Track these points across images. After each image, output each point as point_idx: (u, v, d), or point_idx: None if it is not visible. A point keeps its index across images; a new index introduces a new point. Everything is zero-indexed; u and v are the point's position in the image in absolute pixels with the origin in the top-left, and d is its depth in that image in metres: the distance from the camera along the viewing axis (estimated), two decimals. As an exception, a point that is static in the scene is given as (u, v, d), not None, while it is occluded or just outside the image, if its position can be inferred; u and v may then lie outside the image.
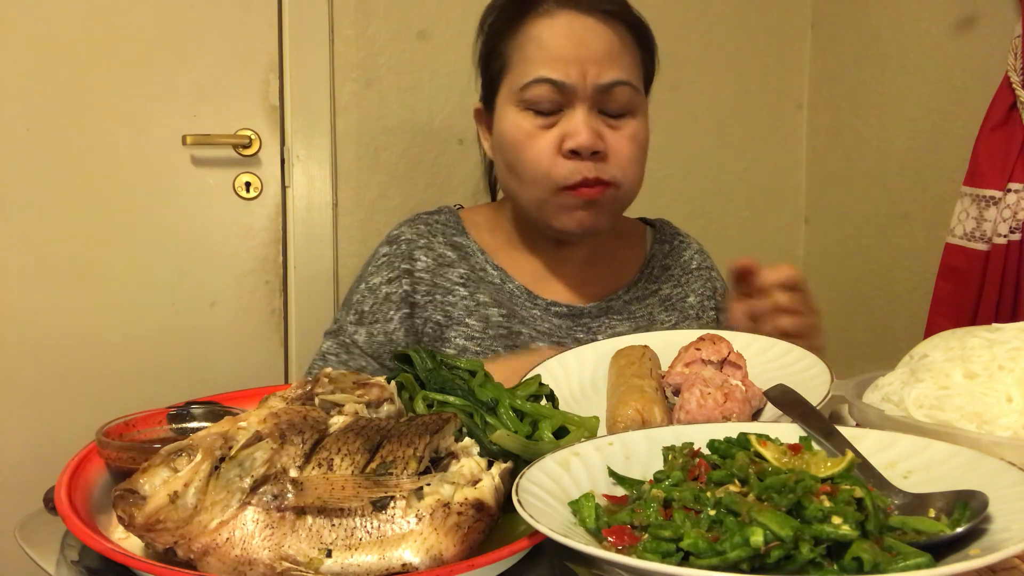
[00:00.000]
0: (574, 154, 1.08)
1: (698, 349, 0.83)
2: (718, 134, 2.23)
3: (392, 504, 0.54)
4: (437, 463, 0.59)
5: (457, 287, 1.18)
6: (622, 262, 1.27)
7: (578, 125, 1.08)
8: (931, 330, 1.74)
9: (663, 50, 1.20)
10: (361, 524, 0.54)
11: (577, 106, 1.09)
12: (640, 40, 1.16)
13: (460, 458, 0.59)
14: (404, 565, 0.52)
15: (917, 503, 0.55)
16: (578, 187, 1.09)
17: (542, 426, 0.69)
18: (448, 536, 0.53)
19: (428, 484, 0.56)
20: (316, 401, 0.69)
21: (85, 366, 1.75)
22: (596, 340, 1.15)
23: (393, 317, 1.17)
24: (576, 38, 1.08)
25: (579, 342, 1.15)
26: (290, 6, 1.83)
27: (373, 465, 0.57)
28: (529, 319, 1.17)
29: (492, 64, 1.16)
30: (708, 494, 0.53)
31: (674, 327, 1.20)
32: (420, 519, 0.54)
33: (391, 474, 0.56)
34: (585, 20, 1.09)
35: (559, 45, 1.08)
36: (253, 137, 1.84)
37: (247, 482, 0.55)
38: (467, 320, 1.15)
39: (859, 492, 0.51)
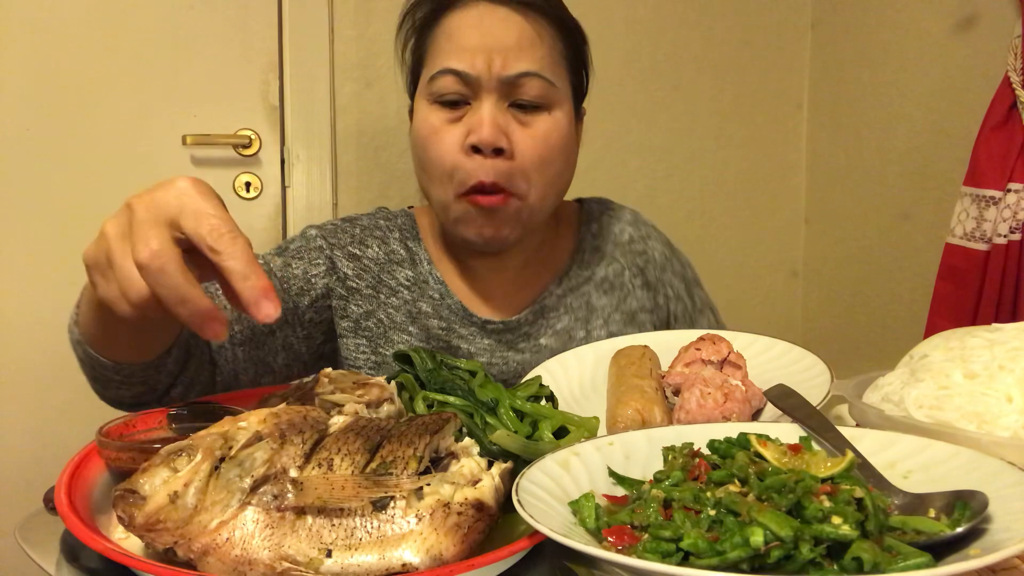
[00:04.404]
0: (476, 151, 1.01)
1: (698, 349, 0.83)
2: (718, 134, 2.24)
3: (392, 504, 0.54)
4: (437, 463, 0.59)
5: (401, 290, 1.12)
6: (557, 252, 1.19)
7: (482, 119, 1.01)
8: (931, 330, 1.74)
9: (664, 50, 1.14)
10: (361, 524, 0.54)
11: (484, 99, 1.02)
12: (564, 35, 1.08)
13: (460, 458, 0.59)
14: (404, 565, 0.53)
15: (917, 503, 0.55)
16: (472, 193, 1.02)
17: (542, 426, 0.69)
18: (448, 536, 0.53)
19: (428, 484, 0.56)
20: (316, 401, 0.69)
21: (85, 366, 1.75)
22: (538, 343, 1.11)
23: (319, 267, 1.09)
24: (485, 28, 1.02)
25: (520, 351, 1.11)
26: (290, 6, 1.84)
27: (373, 465, 0.57)
28: (467, 336, 1.12)
29: (412, 59, 1.11)
30: (708, 494, 0.53)
31: (616, 309, 1.15)
32: (420, 519, 0.54)
33: (391, 474, 0.56)
34: (498, 11, 1.04)
35: (466, 35, 1.03)
36: (253, 137, 1.84)
37: (247, 482, 0.55)
38: (409, 327, 1.11)
39: (859, 492, 0.51)
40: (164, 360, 0.88)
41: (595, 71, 1.16)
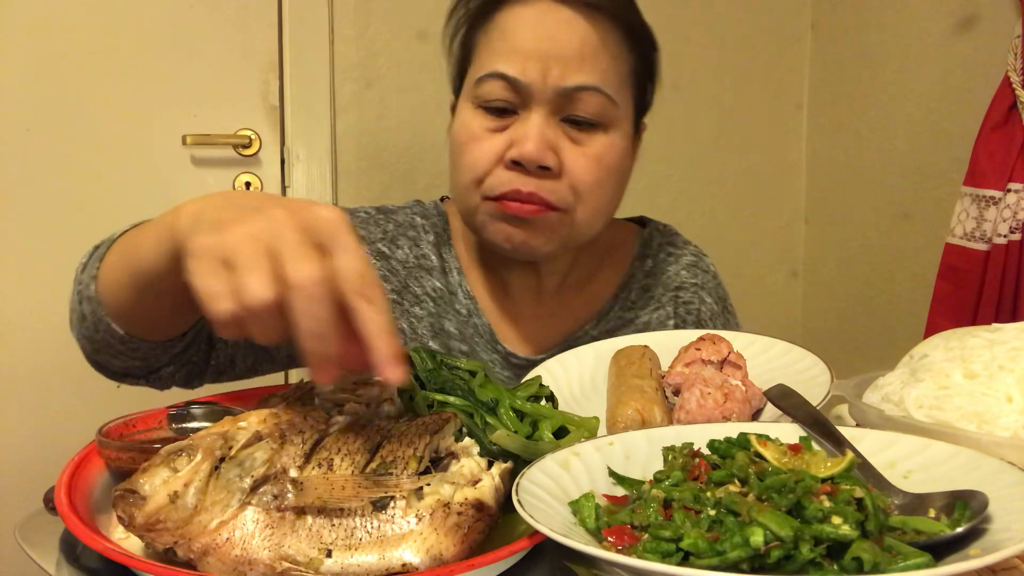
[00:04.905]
0: (517, 165, 0.91)
1: (698, 349, 0.83)
2: (718, 134, 2.24)
3: (392, 504, 0.54)
4: (437, 463, 0.59)
5: (427, 300, 1.04)
6: (600, 283, 1.08)
7: (528, 132, 0.90)
8: (931, 330, 1.74)
9: (664, 50, 1.09)
10: (361, 524, 0.53)
11: (534, 110, 0.91)
12: (633, 44, 0.98)
13: (460, 458, 0.59)
14: (404, 565, 0.52)
15: (917, 503, 0.55)
16: (502, 199, 0.92)
17: (542, 426, 0.69)
18: (448, 536, 0.53)
19: (428, 484, 0.56)
20: (316, 401, 0.69)
21: (85, 366, 1.74)
22: None
23: None
24: (544, 31, 0.91)
25: None
26: (290, 6, 1.84)
27: (373, 465, 0.57)
28: (488, 362, 1.03)
29: (460, 52, 1.01)
30: (708, 494, 0.53)
31: None
32: (420, 519, 0.54)
33: (391, 474, 0.56)
34: (561, 12, 0.92)
35: (523, 37, 0.91)
36: (253, 137, 1.84)
37: (247, 482, 0.55)
38: (430, 343, 1.02)
39: (859, 492, 0.51)
40: (175, 343, 0.84)
41: None
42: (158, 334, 0.81)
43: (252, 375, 1.00)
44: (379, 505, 0.54)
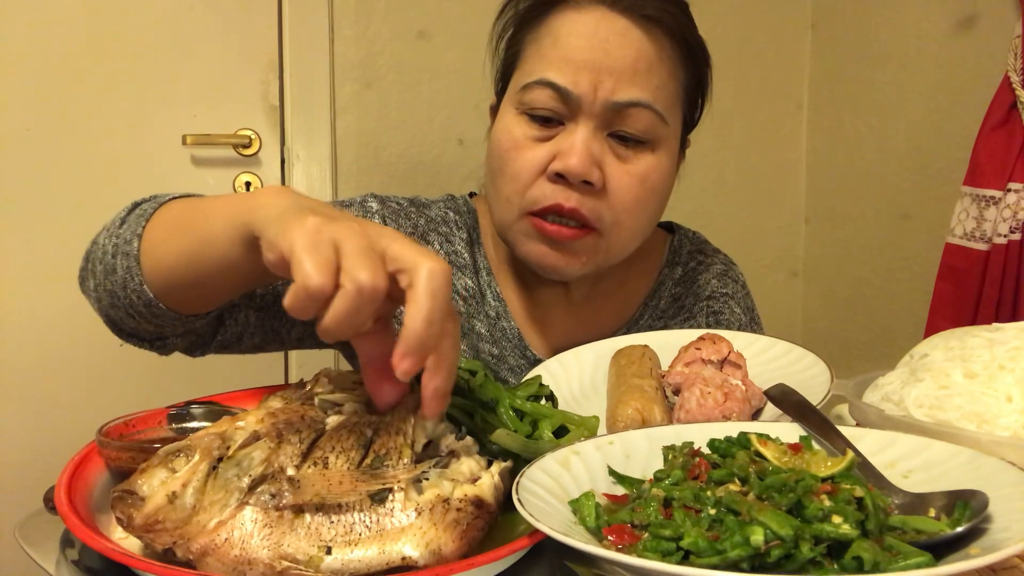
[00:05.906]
0: (560, 178, 0.89)
1: (698, 349, 0.83)
2: (718, 134, 2.24)
3: (391, 497, 0.54)
4: (428, 447, 0.59)
5: (458, 299, 1.01)
6: (628, 292, 1.07)
7: (574, 144, 0.88)
8: (931, 330, 1.74)
9: None
10: (360, 519, 0.53)
11: (581, 122, 0.89)
12: (688, 61, 0.95)
13: (460, 456, 0.59)
14: (404, 559, 0.52)
15: (917, 503, 0.55)
16: (545, 214, 0.90)
17: (542, 425, 0.69)
18: (447, 531, 0.53)
19: (425, 473, 0.56)
20: (315, 401, 0.69)
21: (85, 366, 1.75)
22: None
23: None
24: (598, 40, 0.88)
25: None
26: (290, 6, 1.84)
27: (368, 460, 0.57)
28: (517, 368, 1.01)
29: (507, 53, 0.98)
30: (708, 493, 0.53)
31: None
32: (419, 513, 0.54)
33: (386, 466, 0.56)
34: (617, 22, 0.89)
35: (575, 45, 0.88)
36: (253, 137, 1.84)
37: (245, 482, 0.55)
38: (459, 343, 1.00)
39: (859, 491, 0.51)
40: (196, 319, 0.81)
41: None
42: (186, 308, 0.78)
43: (256, 352, 0.97)
44: (377, 499, 0.54)
